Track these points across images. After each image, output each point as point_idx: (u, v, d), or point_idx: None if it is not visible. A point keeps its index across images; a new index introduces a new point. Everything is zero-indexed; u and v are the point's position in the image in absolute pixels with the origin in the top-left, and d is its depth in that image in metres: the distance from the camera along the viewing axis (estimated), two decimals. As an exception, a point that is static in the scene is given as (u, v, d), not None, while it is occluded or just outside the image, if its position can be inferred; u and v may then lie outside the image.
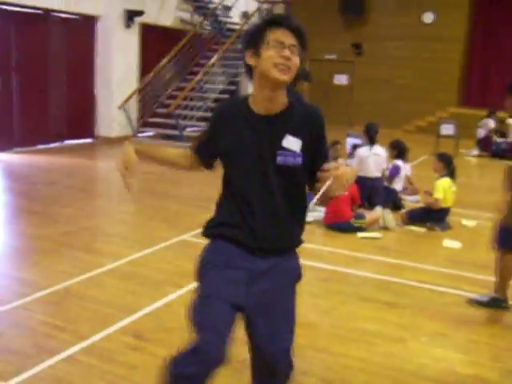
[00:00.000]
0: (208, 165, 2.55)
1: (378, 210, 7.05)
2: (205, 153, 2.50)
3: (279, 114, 2.32)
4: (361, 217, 6.84)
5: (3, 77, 11.00)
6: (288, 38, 2.21)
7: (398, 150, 8.18)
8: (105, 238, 6.24)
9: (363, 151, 7.78)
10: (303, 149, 2.31)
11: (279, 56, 2.19)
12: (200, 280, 2.43)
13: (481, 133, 14.54)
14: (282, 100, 2.32)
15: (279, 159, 2.29)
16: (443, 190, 6.99)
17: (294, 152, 2.30)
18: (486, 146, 14.38)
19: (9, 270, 5.07)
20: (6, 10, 10.83)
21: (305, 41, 2.28)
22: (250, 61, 2.27)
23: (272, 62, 2.20)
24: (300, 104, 2.38)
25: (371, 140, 7.79)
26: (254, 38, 2.25)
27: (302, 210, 2.49)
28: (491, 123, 14.53)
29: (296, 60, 2.23)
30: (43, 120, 11.97)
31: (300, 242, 2.53)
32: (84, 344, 3.71)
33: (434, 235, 6.83)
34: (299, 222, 2.49)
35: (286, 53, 2.20)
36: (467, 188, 9.68)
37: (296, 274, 2.55)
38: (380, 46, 18.93)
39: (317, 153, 2.37)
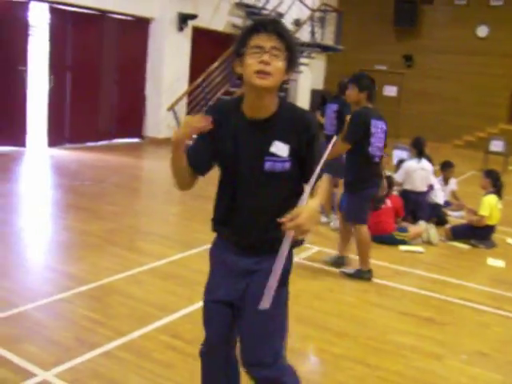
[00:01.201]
0: (202, 169, 2.44)
1: (422, 225, 6.98)
2: (200, 158, 2.41)
3: (267, 120, 2.32)
4: (404, 230, 6.78)
5: (58, 75, 11.26)
6: (268, 42, 2.20)
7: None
8: (147, 236, 6.32)
9: (410, 164, 7.68)
10: (291, 154, 2.31)
11: (258, 62, 2.19)
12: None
13: None
14: (269, 105, 2.31)
15: (267, 165, 2.30)
16: (489, 207, 6.87)
17: (282, 158, 2.30)
18: None
19: (55, 264, 5.20)
20: (63, 9, 11.10)
21: (290, 42, 2.24)
22: (238, 70, 2.28)
23: (252, 70, 2.20)
24: (291, 108, 2.37)
25: (419, 153, 7.70)
26: (237, 47, 2.27)
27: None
28: None
29: (278, 64, 2.21)
30: (93, 118, 12.21)
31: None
32: (123, 340, 3.78)
33: (478, 253, 6.73)
34: (274, 234, 2.28)
35: (265, 57, 2.18)
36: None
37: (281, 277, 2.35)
38: (431, 58, 18.72)
39: (308, 156, 2.34)
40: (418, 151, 7.71)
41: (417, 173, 7.57)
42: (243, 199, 2.39)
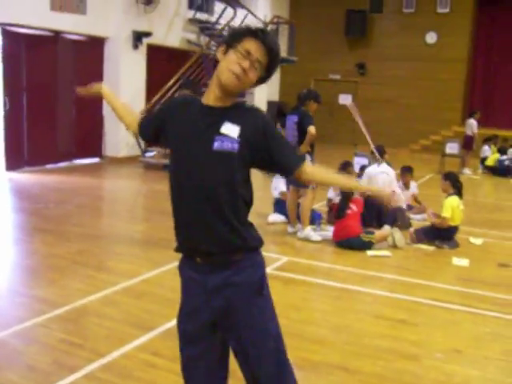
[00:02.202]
0: (144, 135, 2.71)
1: (387, 229, 7.11)
2: (146, 126, 2.64)
3: (222, 107, 2.32)
4: (370, 232, 6.90)
5: (14, 97, 11.11)
6: (257, 52, 2.24)
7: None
8: (116, 256, 6.29)
9: (372, 169, 7.84)
10: (241, 135, 2.25)
11: (238, 64, 2.22)
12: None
13: (467, 134, 14.82)
14: (227, 100, 2.33)
15: (216, 144, 2.24)
16: (451, 208, 7.05)
17: (231, 138, 2.25)
18: (468, 145, 14.72)
19: (25, 288, 5.12)
20: (16, 31, 10.98)
21: (274, 62, 2.30)
22: (219, 56, 2.31)
23: (228, 66, 2.24)
24: (245, 104, 2.41)
25: (379, 158, 7.87)
26: (230, 39, 2.30)
27: (243, 208, 2.33)
28: (474, 124, 14.71)
29: (252, 76, 2.26)
30: (52, 139, 12.07)
31: (250, 246, 2.36)
32: (103, 361, 3.76)
33: (443, 253, 6.88)
34: (240, 220, 2.31)
35: (246, 64, 2.22)
36: (473, 206, 9.76)
37: (254, 288, 2.36)
38: (383, 66, 19.10)
39: (278, 145, 2.33)
40: (378, 156, 7.89)
41: (379, 176, 7.72)
42: (190, 188, 2.27)
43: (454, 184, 7.28)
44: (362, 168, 8.67)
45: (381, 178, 7.72)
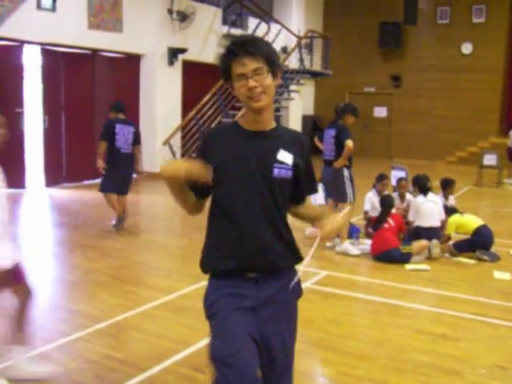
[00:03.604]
0: (202, 193, 2.44)
1: (425, 241, 7.01)
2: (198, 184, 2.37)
3: (270, 131, 2.38)
4: (408, 244, 6.83)
5: (53, 115, 11.36)
6: (248, 65, 2.23)
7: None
8: (155, 271, 6.35)
9: (418, 200, 7.50)
10: (293, 164, 2.36)
11: (246, 89, 2.25)
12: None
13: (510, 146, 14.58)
14: (269, 119, 2.38)
15: (276, 172, 2.33)
16: (455, 224, 7.22)
17: (287, 165, 2.35)
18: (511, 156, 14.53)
19: (67, 303, 5.21)
20: (54, 50, 11.24)
21: (266, 55, 2.26)
22: (233, 92, 2.35)
23: (243, 96, 2.27)
24: (286, 127, 2.50)
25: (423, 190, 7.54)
26: (223, 75, 2.33)
27: (287, 225, 2.45)
28: None
29: (265, 81, 2.26)
30: (89, 156, 12.19)
31: (297, 258, 2.50)
32: (144, 376, 3.79)
33: (483, 267, 6.75)
34: (288, 237, 2.45)
35: (251, 84, 2.23)
36: (514, 219, 9.60)
37: (296, 295, 2.52)
38: (419, 77, 18.96)
39: (307, 173, 2.48)
40: (422, 188, 7.58)
41: (426, 205, 7.35)
42: (246, 217, 2.34)
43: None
44: (399, 180, 8.59)
45: (428, 206, 7.36)
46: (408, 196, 8.25)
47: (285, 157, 2.35)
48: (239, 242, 2.35)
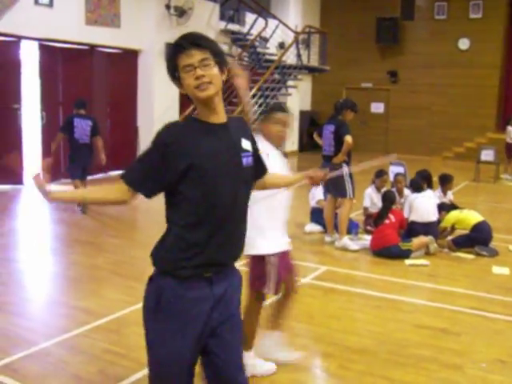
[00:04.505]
0: (147, 191, 2.43)
1: (424, 238, 7.02)
2: (151, 186, 2.39)
3: (227, 122, 2.39)
4: (408, 240, 6.85)
5: (50, 111, 11.33)
6: (194, 57, 2.26)
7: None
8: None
9: (412, 196, 7.53)
10: (252, 149, 2.48)
11: (194, 79, 2.26)
12: None
13: (508, 142, 14.63)
14: (222, 110, 2.38)
15: (244, 161, 2.39)
16: (454, 219, 7.32)
17: (249, 152, 2.43)
18: (510, 153, 14.52)
19: (68, 299, 5.21)
20: (52, 46, 11.21)
21: (212, 47, 2.30)
22: (182, 90, 2.36)
23: (191, 87, 2.28)
24: (231, 115, 2.50)
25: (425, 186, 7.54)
26: (170, 70, 2.33)
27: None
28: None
29: (212, 71, 2.27)
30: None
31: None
32: (146, 371, 3.77)
33: (482, 262, 6.78)
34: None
35: (198, 73, 2.25)
36: (510, 214, 9.63)
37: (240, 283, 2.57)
38: (416, 73, 18.94)
39: (259, 154, 2.60)
40: (415, 188, 7.55)
41: (419, 199, 7.33)
42: (228, 213, 2.34)
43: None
44: (397, 175, 8.61)
45: (421, 201, 7.30)
46: (406, 191, 8.27)
47: (246, 145, 2.43)
48: (212, 242, 2.32)
